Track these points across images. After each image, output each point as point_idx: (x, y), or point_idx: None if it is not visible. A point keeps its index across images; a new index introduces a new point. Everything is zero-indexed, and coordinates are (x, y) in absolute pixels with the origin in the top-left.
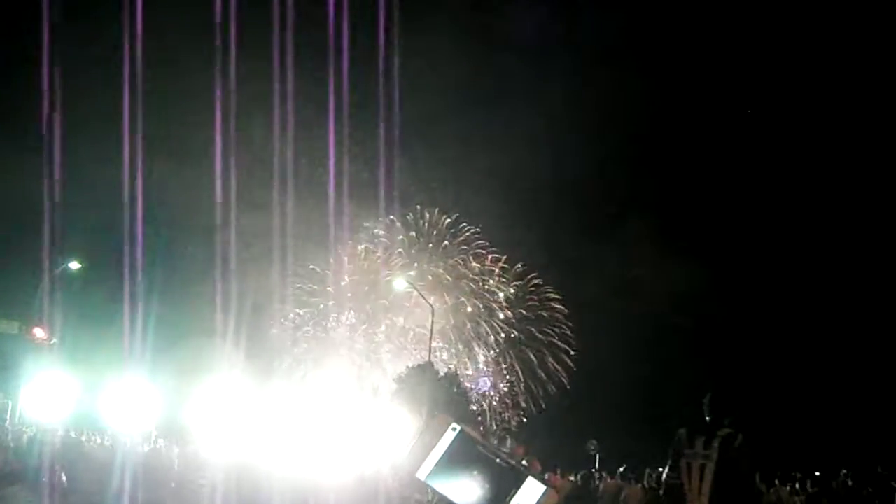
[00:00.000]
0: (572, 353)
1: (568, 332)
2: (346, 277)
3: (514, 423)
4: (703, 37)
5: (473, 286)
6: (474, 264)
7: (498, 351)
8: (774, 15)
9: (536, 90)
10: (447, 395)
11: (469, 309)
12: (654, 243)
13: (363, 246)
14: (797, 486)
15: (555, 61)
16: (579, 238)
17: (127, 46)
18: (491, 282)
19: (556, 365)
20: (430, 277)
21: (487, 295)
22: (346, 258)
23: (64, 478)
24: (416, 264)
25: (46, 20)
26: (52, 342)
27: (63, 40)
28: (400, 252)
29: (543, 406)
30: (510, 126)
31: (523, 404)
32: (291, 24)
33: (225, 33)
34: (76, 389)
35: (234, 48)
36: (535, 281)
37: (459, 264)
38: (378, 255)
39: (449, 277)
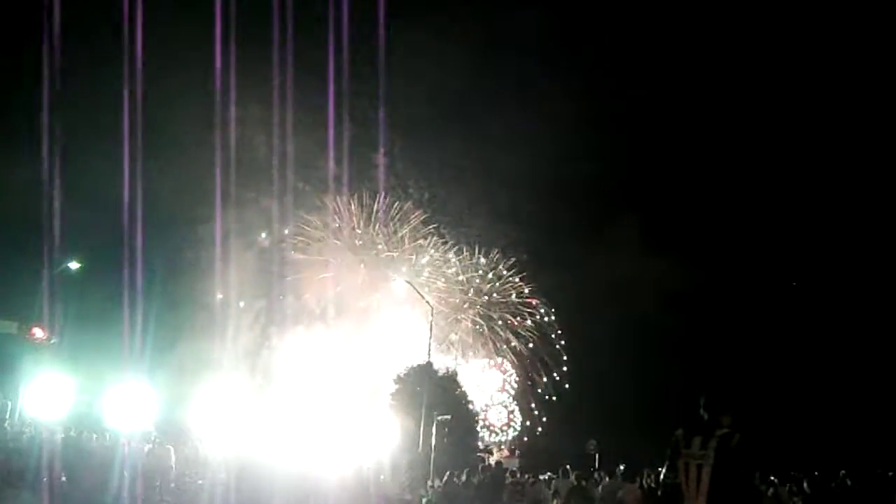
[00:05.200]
0: (558, 347)
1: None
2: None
3: (513, 423)
4: (699, 37)
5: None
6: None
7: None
8: (768, 15)
9: (529, 91)
10: (446, 395)
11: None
12: (649, 243)
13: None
14: (796, 486)
15: (550, 61)
16: (571, 238)
17: (127, 45)
18: (477, 280)
19: (547, 365)
20: (424, 276)
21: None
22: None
23: (64, 478)
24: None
25: (46, 20)
26: (51, 342)
27: (62, 39)
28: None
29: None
30: (499, 126)
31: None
32: (290, 22)
33: (225, 31)
34: (75, 389)
35: (234, 46)
36: (510, 275)
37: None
38: (374, 252)
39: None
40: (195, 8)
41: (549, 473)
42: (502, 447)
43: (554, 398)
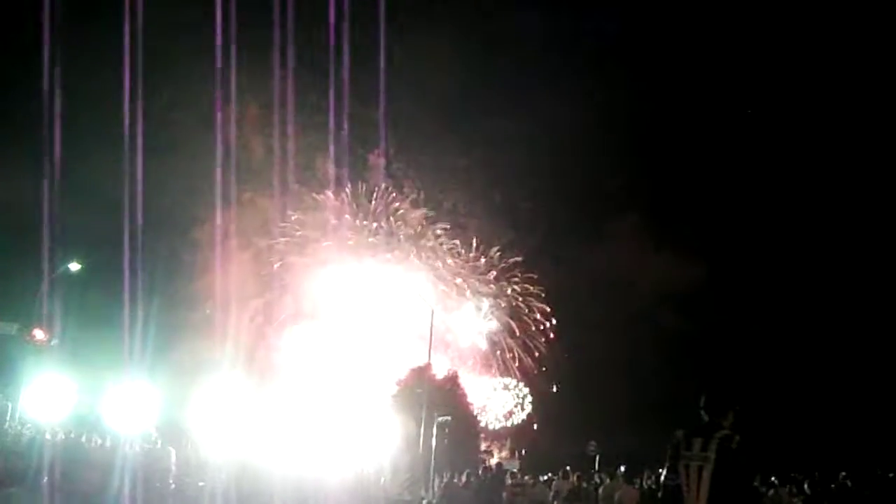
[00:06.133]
0: (552, 345)
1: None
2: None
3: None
4: (698, 36)
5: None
6: (450, 261)
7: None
8: (772, 14)
9: (531, 90)
10: (446, 397)
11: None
12: (649, 242)
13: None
14: (796, 487)
15: (551, 61)
16: (572, 238)
17: (127, 46)
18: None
19: (540, 360)
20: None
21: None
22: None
23: (63, 479)
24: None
25: (47, 21)
26: (51, 343)
27: (63, 40)
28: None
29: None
30: (502, 126)
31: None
32: (291, 24)
33: (225, 32)
34: (75, 390)
35: (234, 48)
36: (509, 275)
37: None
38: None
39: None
40: (193, 9)
41: (549, 474)
42: (503, 448)
43: (554, 399)
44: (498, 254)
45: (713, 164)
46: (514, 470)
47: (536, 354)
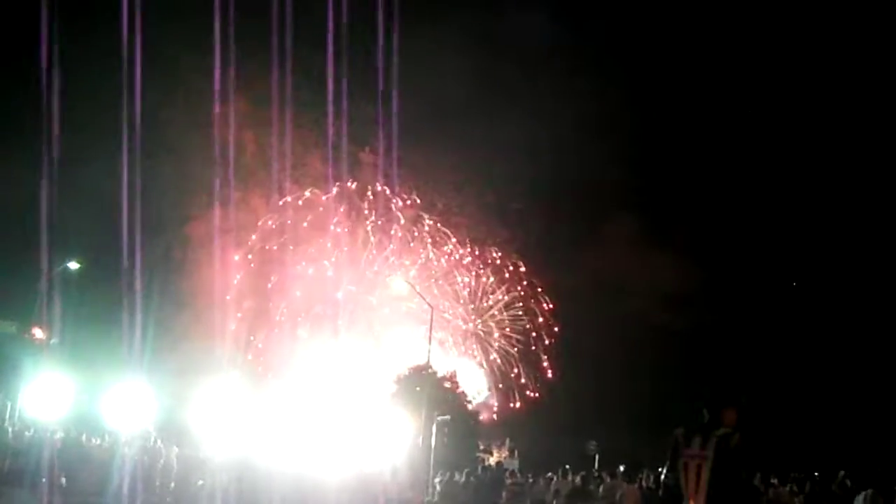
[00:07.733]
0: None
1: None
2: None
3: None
4: (696, 38)
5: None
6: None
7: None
8: (771, 15)
9: (531, 91)
10: (446, 396)
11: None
12: (649, 243)
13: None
14: (797, 486)
15: (551, 62)
16: (571, 238)
17: (126, 45)
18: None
19: (543, 362)
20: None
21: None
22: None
23: (63, 478)
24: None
25: (45, 20)
26: (50, 342)
27: (62, 40)
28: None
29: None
30: (502, 127)
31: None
32: (290, 23)
33: (224, 32)
34: (75, 389)
35: (234, 47)
36: (507, 275)
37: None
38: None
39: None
40: (190, 9)
41: (549, 474)
42: (502, 448)
43: (553, 398)
44: (496, 254)
45: (710, 164)
46: (514, 469)
47: (530, 346)
